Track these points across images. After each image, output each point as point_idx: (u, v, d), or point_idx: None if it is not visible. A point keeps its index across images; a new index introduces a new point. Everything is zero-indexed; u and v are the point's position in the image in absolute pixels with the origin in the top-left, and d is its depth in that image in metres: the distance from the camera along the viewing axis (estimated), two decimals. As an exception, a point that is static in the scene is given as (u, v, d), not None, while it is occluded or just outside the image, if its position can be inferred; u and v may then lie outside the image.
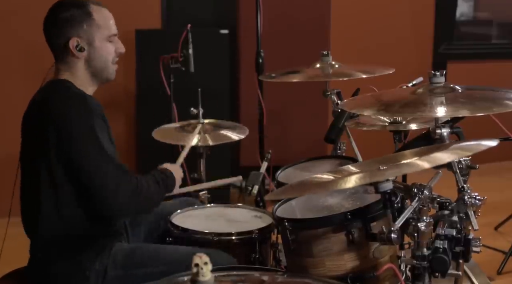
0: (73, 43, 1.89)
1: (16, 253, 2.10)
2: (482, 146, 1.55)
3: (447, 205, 1.68)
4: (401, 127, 2.33)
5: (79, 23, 1.89)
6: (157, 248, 2.01)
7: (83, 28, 1.90)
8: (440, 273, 1.57)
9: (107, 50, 1.95)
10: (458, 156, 1.66)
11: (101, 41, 1.93)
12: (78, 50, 1.90)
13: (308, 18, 4.18)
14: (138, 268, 1.88)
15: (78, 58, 1.91)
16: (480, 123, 2.64)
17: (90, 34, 1.91)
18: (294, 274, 1.75)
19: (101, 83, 2.01)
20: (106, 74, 1.98)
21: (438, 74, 1.75)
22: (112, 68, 1.99)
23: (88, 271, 1.87)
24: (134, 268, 1.88)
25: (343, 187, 1.60)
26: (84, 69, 1.94)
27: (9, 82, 3.92)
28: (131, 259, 1.91)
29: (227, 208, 2.41)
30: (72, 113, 1.80)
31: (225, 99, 4.10)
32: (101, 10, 1.95)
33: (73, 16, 1.89)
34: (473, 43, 5.41)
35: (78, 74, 1.94)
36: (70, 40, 1.89)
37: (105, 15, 1.95)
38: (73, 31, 1.89)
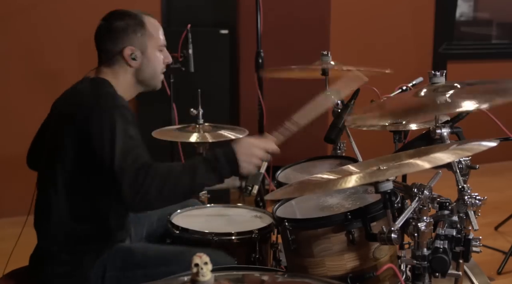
0: (128, 52, 1.94)
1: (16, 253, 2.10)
2: (482, 147, 1.55)
3: (447, 205, 1.68)
4: (401, 127, 2.33)
5: (134, 32, 1.94)
6: (157, 248, 2.01)
7: (137, 37, 1.95)
8: (440, 273, 1.57)
9: (157, 60, 2.01)
10: (458, 157, 1.66)
11: (152, 51, 1.98)
12: (132, 58, 1.94)
13: (308, 18, 4.18)
14: (138, 268, 1.89)
15: (131, 67, 1.96)
16: (480, 123, 2.64)
17: (144, 43, 1.96)
18: (294, 274, 1.76)
19: (145, 90, 2.06)
20: (154, 83, 2.04)
21: (438, 74, 1.75)
22: (160, 77, 2.04)
23: (88, 271, 1.87)
24: (134, 269, 1.89)
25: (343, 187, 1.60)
26: (131, 76, 1.98)
27: (9, 83, 3.92)
28: (130, 260, 1.91)
29: (227, 208, 2.41)
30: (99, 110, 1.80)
31: (225, 99, 4.10)
32: (153, 21, 2.01)
33: (128, 25, 1.94)
34: (473, 43, 5.42)
35: (124, 80, 1.98)
36: (125, 48, 1.93)
37: (156, 26, 2.01)
38: (128, 40, 1.94)
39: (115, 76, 1.97)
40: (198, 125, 2.74)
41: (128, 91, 2.00)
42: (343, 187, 1.56)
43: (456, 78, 1.85)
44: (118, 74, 1.97)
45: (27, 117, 1.92)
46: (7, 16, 3.88)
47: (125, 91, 1.98)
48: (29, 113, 1.94)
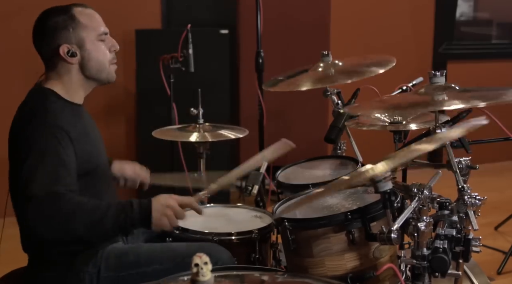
0: (64, 49, 1.86)
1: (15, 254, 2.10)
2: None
3: (447, 205, 1.68)
4: (401, 127, 2.32)
5: (65, 28, 1.86)
6: (150, 247, 2.00)
7: (70, 33, 1.86)
8: (440, 273, 1.57)
9: (100, 51, 1.91)
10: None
11: (92, 43, 1.89)
12: (70, 55, 1.86)
13: (308, 18, 4.18)
14: (131, 268, 1.87)
15: (72, 64, 1.88)
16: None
17: (79, 37, 1.87)
18: (294, 274, 1.75)
19: (99, 85, 1.97)
20: (105, 76, 1.94)
21: (438, 74, 1.75)
22: (110, 68, 1.95)
23: (82, 273, 1.86)
24: (127, 269, 1.87)
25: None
26: (78, 74, 1.90)
27: (8, 83, 3.92)
28: (123, 260, 1.90)
29: (227, 208, 2.41)
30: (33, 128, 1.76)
31: (225, 99, 4.10)
32: (85, 11, 1.91)
33: (57, 23, 1.86)
34: (473, 43, 5.42)
35: (70, 80, 1.90)
36: (60, 47, 1.86)
37: (90, 16, 1.91)
38: (61, 38, 1.86)
39: (61, 78, 1.90)
40: (198, 125, 2.74)
41: (79, 89, 1.92)
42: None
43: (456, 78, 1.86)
44: (63, 75, 1.89)
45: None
46: (7, 16, 3.88)
47: (76, 90, 1.92)
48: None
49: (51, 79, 1.91)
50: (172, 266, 1.85)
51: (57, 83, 1.90)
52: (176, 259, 1.86)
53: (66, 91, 1.90)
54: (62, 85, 1.90)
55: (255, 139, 3.48)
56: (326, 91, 2.52)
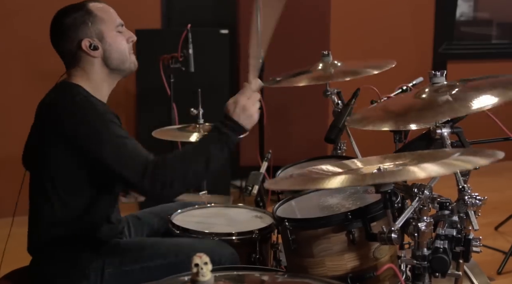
0: (86, 43, 1.88)
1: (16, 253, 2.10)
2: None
3: (447, 205, 1.68)
4: (401, 127, 2.32)
5: (83, 23, 1.89)
6: (153, 242, 2.01)
7: (89, 27, 1.89)
8: (440, 273, 1.57)
9: (119, 41, 1.94)
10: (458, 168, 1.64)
11: (110, 34, 1.92)
12: (93, 49, 1.89)
13: (308, 18, 4.18)
14: (136, 263, 1.89)
15: (95, 57, 1.90)
16: (480, 123, 2.64)
17: (98, 30, 1.90)
18: (294, 274, 1.75)
19: (123, 76, 2.01)
20: (127, 65, 1.98)
21: (438, 74, 1.75)
22: (131, 58, 1.99)
23: (87, 269, 1.88)
24: (132, 264, 1.89)
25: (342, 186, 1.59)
26: (101, 68, 1.93)
27: (9, 82, 3.93)
28: (127, 255, 1.92)
29: (227, 208, 2.41)
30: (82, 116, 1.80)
31: (225, 99, 4.04)
32: (100, 5, 1.95)
33: (76, 19, 1.89)
34: (473, 43, 5.42)
35: (94, 76, 1.93)
36: (82, 41, 1.88)
37: (105, 9, 1.95)
38: (82, 33, 1.89)
39: (86, 74, 1.92)
40: (198, 125, 2.74)
41: (105, 84, 1.96)
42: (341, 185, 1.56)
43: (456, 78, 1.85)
44: (88, 71, 1.92)
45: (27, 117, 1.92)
46: (7, 16, 3.88)
47: (102, 85, 1.95)
48: (29, 113, 1.94)
49: (75, 76, 1.93)
50: (175, 261, 1.86)
51: (83, 79, 1.92)
52: (179, 254, 1.87)
53: (92, 88, 1.92)
54: (88, 82, 1.93)
55: (255, 139, 3.48)
56: (326, 91, 2.52)
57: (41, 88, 1.99)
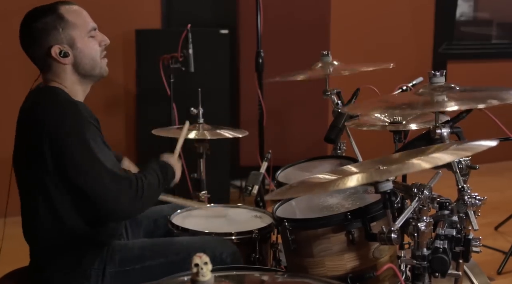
0: (56, 50, 1.83)
1: (16, 253, 2.10)
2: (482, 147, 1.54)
3: (447, 205, 1.67)
4: (401, 127, 2.32)
5: (54, 29, 1.82)
6: (154, 241, 2.02)
7: (60, 33, 1.83)
8: (440, 273, 1.57)
9: (91, 47, 1.88)
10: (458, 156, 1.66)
11: (82, 40, 1.86)
12: (63, 56, 1.83)
13: (308, 18, 4.18)
14: (136, 262, 1.89)
15: (65, 64, 1.85)
16: (480, 123, 2.64)
17: (70, 36, 1.84)
18: (294, 274, 1.76)
19: (94, 81, 1.95)
20: (98, 71, 1.92)
21: (438, 74, 1.75)
22: (102, 63, 1.92)
23: (89, 270, 1.88)
24: (132, 263, 1.89)
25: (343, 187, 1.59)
26: (72, 74, 1.88)
27: (8, 83, 3.93)
28: (128, 255, 1.91)
29: (227, 208, 2.41)
30: (65, 124, 1.75)
31: (225, 99, 4.10)
32: (71, 8, 1.87)
33: (46, 23, 1.82)
34: (473, 43, 5.42)
35: (68, 80, 1.88)
36: (51, 48, 1.82)
37: (77, 13, 1.87)
38: (52, 39, 1.83)
39: (59, 79, 1.87)
40: (198, 125, 2.74)
41: (77, 88, 1.90)
42: (343, 187, 1.56)
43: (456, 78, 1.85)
44: (60, 76, 1.87)
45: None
46: (7, 16, 3.88)
47: (75, 89, 1.89)
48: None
49: (50, 81, 1.89)
50: (177, 260, 1.86)
51: (58, 84, 1.89)
52: (180, 252, 1.87)
53: (69, 90, 1.89)
54: (63, 86, 1.89)
55: (255, 139, 3.48)
56: (326, 91, 2.52)
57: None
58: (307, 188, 1.70)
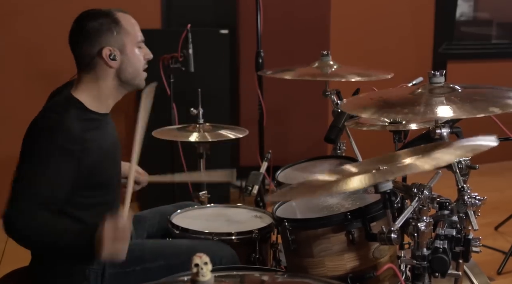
0: (107, 52, 1.85)
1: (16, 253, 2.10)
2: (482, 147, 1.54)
3: (447, 205, 1.68)
4: (401, 127, 2.33)
5: (109, 31, 1.86)
6: (154, 243, 2.02)
7: (113, 36, 1.86)
8: (440, 273, 1.57)
9: (137, 57, 1.92)
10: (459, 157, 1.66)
11: (131, 49, 1.90)
12: (112, 59, 1.86)
13: (308, 18, 4.18)
14: (136, 264, 1.89)
15: (111, 67, 1.87)
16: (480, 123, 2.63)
17: (121, 41, 1.87)
18: (294, 274, 1.76)
19: (129, 91, 1.99)
20: (137, 82, 1.96)
21: (438, 74, 1.75)
22: (142, 75, 1.97)
23: (88, 270, 1.88)
24: (132, 265, 1.89)
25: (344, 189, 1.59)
26: (113, 78, 1.90)
27: (9, 83, 3.93)
28: (129, 256, 1.90)
29: (227, 208, 2.41)
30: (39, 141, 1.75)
31: (225, 99, 4.10)
32: (127, 16, 1.93)
33: (102, 25, 1.86)
34: (473, 43, 5.42)
35: (104, 84, 1.89)
36: (103, 49, 1.85)
37: (132, 22, 1.93)
38: (105, 40, 1.85)
39: (97, 82, 1.89)
40: (198, 125, 2.74)
41: (109, 97, 1.93)
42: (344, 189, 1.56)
43: (456, 78, 1.85)
44: (100, 78, 1.89)
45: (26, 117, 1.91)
46: (7, 16, 3.88)
47: (106, 97, 1.92)
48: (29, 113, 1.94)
49: (83, 84, 1.90)
50: (177, 262, 1.86)
51: (89, 88, 1.89)
52: (180, 255, 1.87)
53: (96, 99, 1.89)
54: (95, 91, 1.89)
55: (255, 139, 3.48)
56: (325, 91, 2.52)
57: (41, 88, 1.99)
58: (308, 190, 1.69)
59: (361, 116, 2.31)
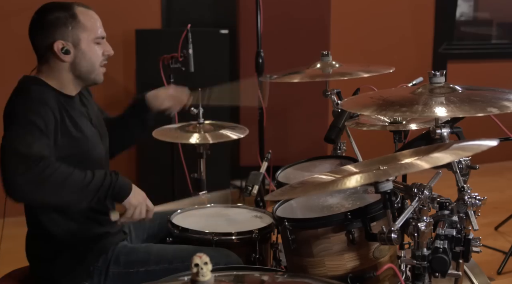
0: (58, 45, 1.86)
1: (16, 253, 2.10)
2: (482, 147, 1.54)
3: (447, 205, 1.67)
4: (401, 127, 2.32)
5: (64, 25, 1.86)
6: (160, 247, 2.02)
7: (68, 31, 1.86)
8: (440, 273, 1.57)
9: (94, 53, 1.92)
10: (459, 156, 1.66)
11: (87, 44, 1.90)
12: (64, 52, 1.86)
13: (308, 18, 4.18)
14: (140, 266, 1.91)
15: (64, 61, 1.88)
16: (480, 123, 2.64)
17: (76, 36, 1.87)
18: (294, 274, 1.75)
19: (88, 85, 1.98)
20: (93, 77, 1.94)
21: (438, 74, 1.75)
22: (99, 70, 1.95)
23: (92, 267, 1.89)
24: (136, 266, 1.91)
25: (343, 188, 1.59)
26: (68, 72, 1.90)
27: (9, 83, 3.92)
28: (133, 257, 1.93)
29: (227, 208, 2.41)
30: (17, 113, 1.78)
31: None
32: (87, 12, 1.92)
33: (58, 18, 1.86)
34: (473, 43, 5.42)
35: (60, 76, 1.91)
36: (55, 42, 1.86)
37: (91, 17, 1.92)
38: (58, 34, 1.86)
39: (52, 72, 1.90)
40: (198, 124, 2.74)
41: (67, 87, 1.92)
42: (343, 187, 1.56)
43: (456, 78, 1.85)
44: (54, 70, 1.90)
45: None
46: (7, 16, 3.88)
47: (64, 87, 1.92)
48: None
49: (42, 72, 1.92)
50: (181, 267, 1.86)
51: (49, 77, 1.91)
52: (185, 260, 1.87)
53: (57, 84, 1.91)
54: (54, 80, 1.91)
55: (255, 139, 3.48)
56: (326, 91, 2.52)
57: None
58: (307, 188, 1.70)
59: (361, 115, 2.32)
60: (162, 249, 1.99)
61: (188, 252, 1.93)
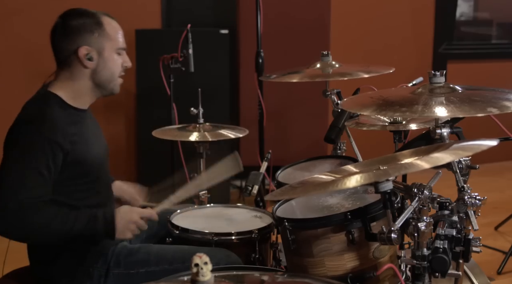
0: (83, 51, 1.87)
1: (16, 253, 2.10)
2: (482, 147, 1.55)
3: (447, 205, 1.68)
4: (401, 127, 2.32)
5: (90, 31, 1.88)
6: (160, 248, 2.02)
7: (94, 37, 1.88)
8: (440, 273, 1.57)
9: (115, 63, 1.93)
10: (459, 156, 1.66)
11: (110, 53, 1.91)
12: (88, 59, 1.88)
13: (308, 18, 4.18)
14: (141, 266, 1.91)
15: (86, 68, 1.89)
16: (480, 123, 2.64)
17: (101, 44, 1.89)
18: (294, 274, 1.75)
19: (103, 95, 1.99)
20: (111, 87, 1.96)
21: (438, 74, 1.75)
22: (117, 81, 1.97)
23: (92, 268, 1.89)
24: (136, 267, 1.91)
25: (343, 187, 1.59)
26: (87, 79, 1.91)
27: (10, 83, 3.93)
28: (133, 258, 1.93)
29: (227, 208, 2.41)
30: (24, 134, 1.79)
31: (225, 99, 4.10)
32: (112, 22, 1.94)
33: (84, 24, 1.88)
34: (473, 43, 5.42)
35: (79, 84, 1.91)
36: (80, 48, 1.87)
37: (115, 27, 1.94)
38: (84, 40, 1.87)
39: (71, 79, 1.90)
40: (198, 125, 2.74)
41: (85, 95, 1.93)
42: (343, 187, 1.56)
43: (456, 78, 1.85)
44: (75, 77, 1.90)
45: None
46: (7, 16, 3.88)
47: (82, 95, 1.92)
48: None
49: (59, 81, 1.92)
50: (182, 268, 1.86)
51: (65, 86, 1.91)
52: (186, 261, 1.87)
53: (72, 95, 1.91)
54: (70, 89, 1.91)
55: (255, 139, 3.48)
56: (326, 91, 2.52)
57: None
58: (307, 188, 1.70)
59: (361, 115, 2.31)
60: (162, 249, 1.99)
61: (188, 252, 1.93)
